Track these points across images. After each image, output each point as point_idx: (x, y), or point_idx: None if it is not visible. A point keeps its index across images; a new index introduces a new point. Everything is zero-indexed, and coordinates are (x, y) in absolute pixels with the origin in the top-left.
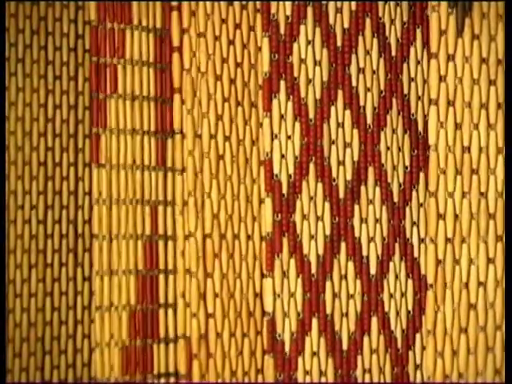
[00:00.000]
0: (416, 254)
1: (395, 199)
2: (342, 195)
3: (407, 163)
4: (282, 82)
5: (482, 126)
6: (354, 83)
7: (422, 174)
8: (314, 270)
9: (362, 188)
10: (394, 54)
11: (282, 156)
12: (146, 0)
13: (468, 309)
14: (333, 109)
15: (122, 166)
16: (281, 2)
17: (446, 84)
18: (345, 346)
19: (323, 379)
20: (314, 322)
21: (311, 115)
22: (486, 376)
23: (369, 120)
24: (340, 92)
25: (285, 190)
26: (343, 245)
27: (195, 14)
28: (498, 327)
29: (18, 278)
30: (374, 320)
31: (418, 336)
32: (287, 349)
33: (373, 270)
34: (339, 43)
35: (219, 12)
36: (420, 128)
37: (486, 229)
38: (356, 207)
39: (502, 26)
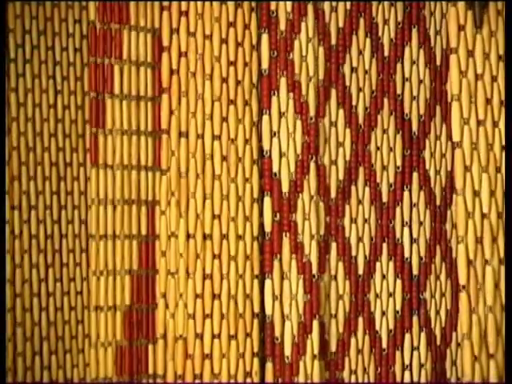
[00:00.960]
0: (407, 255)
1: (384, 199)
2: (333, 195)
3: (399, 163)
4: (283, 79)
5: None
6: (347, 83)
7: (415, 174)
8: (314, 271)
9: (353, 188)
10: (386, 54)
11: (282, 154)
12: (144, 0)
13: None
14: (328, 108)
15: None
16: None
17: (467, 80)
18: (333, 348)
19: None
20: (315, 324)
21: (312, 113)
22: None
23: (360, 120)
24: (333, 91)
25: (285, 189)
26: (334, 245)
27: (184, 13)
28: None
29: (35, 278)
30: (361, 320)
31: (407, 336)
32: (288, 352)
33: (361, 270)
34: (333, 42)
35: (211, 11)
36: (414, 128)
37: None
38: (346, 207)
39: None
